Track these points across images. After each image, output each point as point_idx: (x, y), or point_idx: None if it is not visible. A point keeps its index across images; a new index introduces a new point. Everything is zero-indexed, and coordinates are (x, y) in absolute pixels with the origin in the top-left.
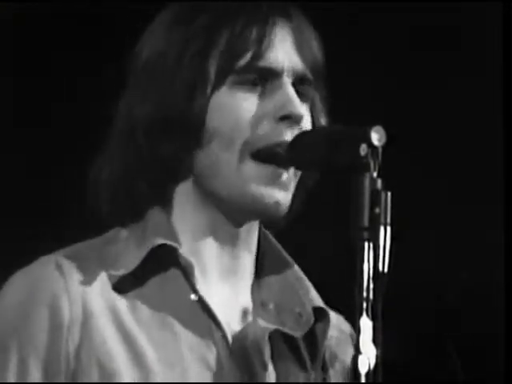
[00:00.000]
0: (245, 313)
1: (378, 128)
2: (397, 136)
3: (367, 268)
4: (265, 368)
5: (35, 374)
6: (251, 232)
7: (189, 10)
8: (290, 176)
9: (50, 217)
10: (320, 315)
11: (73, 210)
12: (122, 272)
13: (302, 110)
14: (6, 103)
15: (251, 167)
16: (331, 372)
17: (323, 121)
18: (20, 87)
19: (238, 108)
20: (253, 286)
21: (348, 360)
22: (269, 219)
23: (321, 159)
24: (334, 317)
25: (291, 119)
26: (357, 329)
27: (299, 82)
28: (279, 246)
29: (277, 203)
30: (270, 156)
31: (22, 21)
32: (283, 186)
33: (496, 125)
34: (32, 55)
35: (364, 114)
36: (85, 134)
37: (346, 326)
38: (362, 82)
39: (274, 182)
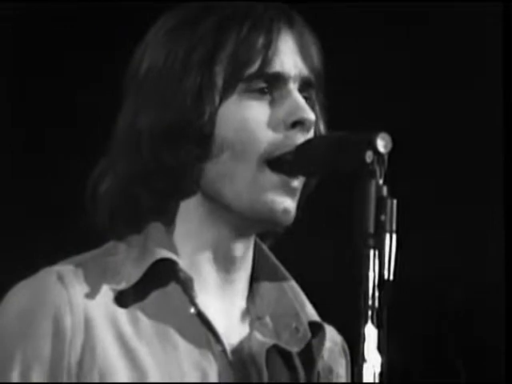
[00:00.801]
0: (242, 325)
1: (384, 135)
2: (398, 138)
3: (372, 275)
4: (263, 383)
5: None
6: (249, 245)
7: (191, 17)
8: (299, 183)
9: (49, 226)
10: (316, 330)
11: (72, 218)
12: (122, 286)
13: (313, 115)
14: (5, 103)
15: (268, 176)
16: None
17: (322, 126)
18: (20, 87)
19: (249, 117)
20: (248, 298)
21: (341, 372)
22: (277, 227)
23: (326, 166)
24: (327, 328)
25: (303, 125)
26: (362, 336)
27: (304, 88)
28: (274, 259)
29: (285, 210)
30: (284, 164)
31: (22, 21)
32: (292, 194)
33: (496, 126)
34: (32, 55)
35: (364, 119)
36: (86, 136)
37: (338, 338)
38: (362, 85)
39: (285, 189)
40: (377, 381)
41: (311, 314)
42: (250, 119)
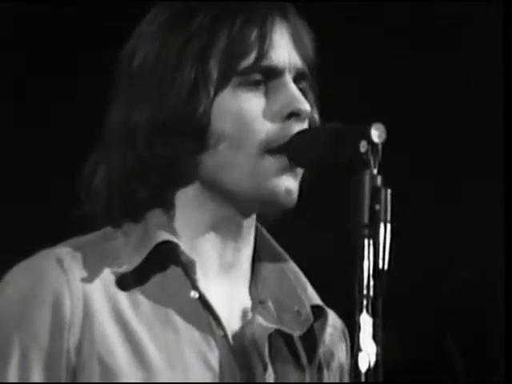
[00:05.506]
0: (244, 309)
1: (378, 125)
2: (397, 134)
3: (367, 265)
4: (265, 368)
5: (37, 369)
6: (250, 228)
7: (185, 10)
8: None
9: (46, 208)
10: (318, 314)
11: (68, 204)
12: (124, 269)
13: (308, 106)
14: (5, 103)
15: (268, 162)
16: (327, 371)
17: (316, 116)
18: (20, 87)
19: (244, 109)
20: (250, 281)
21: (342, 356)
22: (279, 208)
23: (321, 156)
24: (329, 312)
25: (299, 116)
26: (357, 326)
27: (298, 78)
28: (274, 242)
29: (287, 191)
30: (282, 153)
31: (22, 21)
32: (293, 175)
33: (496, 124)
34: (32, 55)
35: (365, 113)
36: (80, 131)
37: (339, 323)
38: (363, 80)
39: (286, 170)
40: (372, 370)
41: (313, 297)
42: (247, 111)
